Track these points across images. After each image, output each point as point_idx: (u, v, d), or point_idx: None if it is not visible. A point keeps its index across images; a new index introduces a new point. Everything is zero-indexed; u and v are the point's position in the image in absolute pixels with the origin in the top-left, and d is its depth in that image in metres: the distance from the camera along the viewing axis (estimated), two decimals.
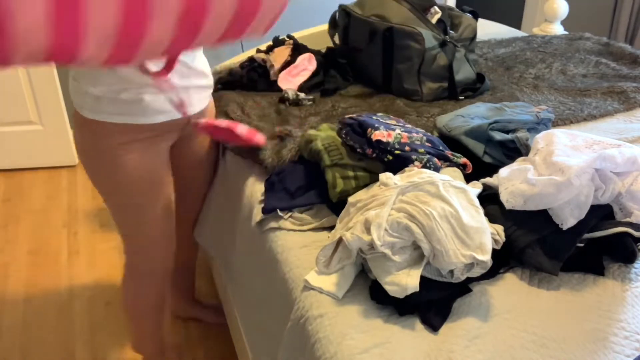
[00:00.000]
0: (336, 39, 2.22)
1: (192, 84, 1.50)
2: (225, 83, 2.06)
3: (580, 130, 1.77)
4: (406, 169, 1.32)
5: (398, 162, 1.35)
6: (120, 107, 1.38)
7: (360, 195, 1.27)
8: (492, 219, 1.27)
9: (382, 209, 1.15)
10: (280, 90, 2.03)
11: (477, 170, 1.44)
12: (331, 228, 1.35)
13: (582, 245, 1.24)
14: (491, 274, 1.21)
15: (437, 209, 1.12)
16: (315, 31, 2.41)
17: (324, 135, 1.50)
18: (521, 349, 1.05)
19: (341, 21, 2.15)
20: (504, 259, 1.24)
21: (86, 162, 1.47)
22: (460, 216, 1.12)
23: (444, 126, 1.60)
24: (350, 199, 1.28)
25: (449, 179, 1.21)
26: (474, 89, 2.04)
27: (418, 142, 1.41)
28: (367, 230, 1.13)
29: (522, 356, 1.04)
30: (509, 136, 1.52)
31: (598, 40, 2.57)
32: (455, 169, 1.40)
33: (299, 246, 1.33)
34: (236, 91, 2.03)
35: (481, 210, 1.17)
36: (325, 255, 1.19)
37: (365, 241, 1.12)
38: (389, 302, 1.14)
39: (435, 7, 2.07)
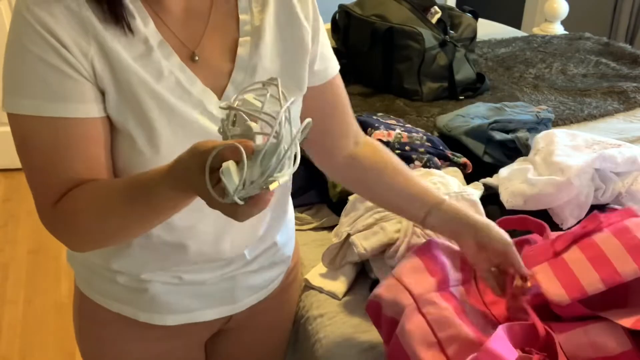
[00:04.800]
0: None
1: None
2: None
3: (580, 130, 1.76)
4: (413, 169, 1.32)
5: None
6: (116, 290, 0.93)
7: None
8: (492, 219, 1.27)
9: (401, 222, 1.15)
10: None
11: (477, 170, 1.44)
12: (331, 228, 1.35)
13: None
14: None
15: None
16: None
17: None
18: None
19: (341, 21, 2.15)
20: None
21: (78, 341, 1.03)
22: None
23: (444, 126, 1.60)
24: None
25: (462, 189, 1.22)
26: (474, 88, 2.04)
27: (418, 142, 1.41)
28: (385, 245, 1.14)
29: None
30: (509, 136, 1.52)
31: (598, 40, 2.57)
32: (456, 168, 1.40)
33: (299, 245, 1.33)
34: None
35: None
36: (331, 252, 1.20)
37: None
38: None
39: (435, 7, 2.07)
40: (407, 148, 1.37)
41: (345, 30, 2.13)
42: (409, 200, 0.98)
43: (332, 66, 0.94)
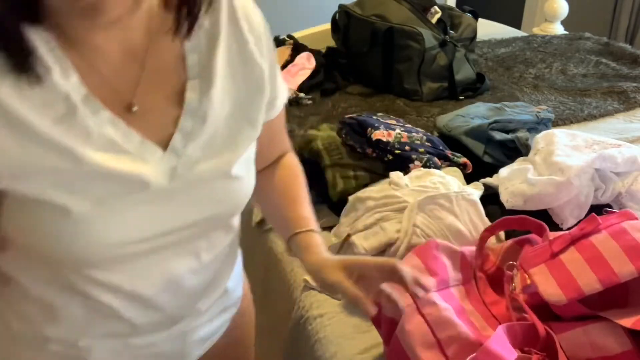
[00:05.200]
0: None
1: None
2: None
3: (580, 130, 1.76)
4: (413, 169, 1.32)
5: (398, 162, 1.35)
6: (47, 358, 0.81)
7: (370, 192, 1.26)
8: (492, 219, 1.27)
9: (401, 222, 1.16)
10: None
11: (477, 170, 1.44)
12: (331, 227, 1.35)
13: None
14: None
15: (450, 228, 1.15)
16: (316, 31, 2.41)
17: (324, 135, 1.50)
18: None
19: (341, 21, 2.15)
20: None
21: None
22: (465, 236, 1.16)
23: (444, 126, 1.60)
24: (359, 194, 1.27)
25: (462, 189, 1.22)
26: (474, 89, 2.05)
27: (418, 142, 1.41)
28: (385, 245, 1.15)
29: None
30: (509, 136, 1.52)
31: (598, 40, 2.57)
32: (456, 168, 1.40)
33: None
34: None
35: (487, 222, 1.18)
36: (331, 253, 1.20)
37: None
38: None
39: (435, 7, 2.07)
40: (407, 148, 1.37)
41: (345, 30, 2.13)
42: (283, 225, 0.90)
43: (285, 94, 0.87)
